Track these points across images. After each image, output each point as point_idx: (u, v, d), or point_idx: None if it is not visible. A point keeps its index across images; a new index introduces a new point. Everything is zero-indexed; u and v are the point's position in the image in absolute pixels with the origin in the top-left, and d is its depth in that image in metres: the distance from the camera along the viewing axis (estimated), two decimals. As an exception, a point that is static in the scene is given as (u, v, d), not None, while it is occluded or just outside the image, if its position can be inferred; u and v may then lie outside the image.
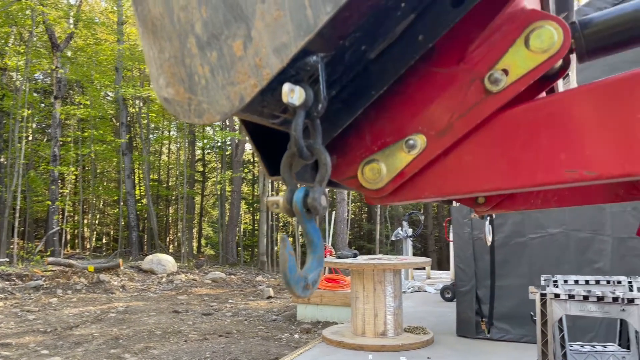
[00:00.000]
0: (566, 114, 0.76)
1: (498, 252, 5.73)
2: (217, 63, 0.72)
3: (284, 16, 0.68)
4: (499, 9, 0.78)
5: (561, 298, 3.50)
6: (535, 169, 0.78)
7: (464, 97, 0.80)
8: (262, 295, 12.30)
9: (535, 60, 0.76)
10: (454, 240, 6.21)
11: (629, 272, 4.93)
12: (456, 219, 6.03)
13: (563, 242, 5.44)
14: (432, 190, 0.86)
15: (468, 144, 0.82)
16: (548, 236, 5.52)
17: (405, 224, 10.31)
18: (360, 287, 5.89)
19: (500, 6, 0.78)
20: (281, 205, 0.77)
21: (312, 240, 0.75)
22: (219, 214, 26.56)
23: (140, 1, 0.79)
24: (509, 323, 5.69)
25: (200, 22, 0.73)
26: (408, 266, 5.76)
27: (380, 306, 5.76)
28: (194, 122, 0.75)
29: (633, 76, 0.74)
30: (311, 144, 0.73)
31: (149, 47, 0.79)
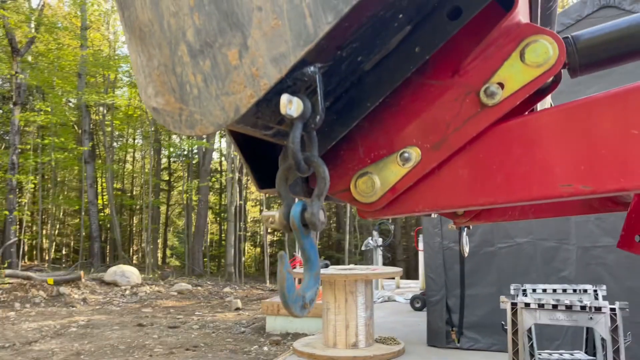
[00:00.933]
0: (561, 128, 0.75)
1: (468, 262, 5.80)
2: (210, 72, 0.68)
3: (283, 25, 0.64)
4: (494, 23, 0.76)
5: (531, 307, 3.55)
6: (530, 183, 0.77)
7: (459, 110, 0.79)
8: (230, 306, 12.10)
9: (530, 74, 0.75)
10: (425, 250, 6.26)
11: (592, 280, 5.06)
12: (427, 229, 6.08)
13: (530, 252, 5.55)
14: (426, 203, 0.84)
15: (463, 157, 0.80)
16: (516, 245, 5.62)
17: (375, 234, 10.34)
18: (332, 298, 5.85)
19: (495, 20, 0.76)
20: (277, 220, 0.73)
21: (309, 257, 0.71)
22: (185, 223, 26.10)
23: (127, 6, 0.74)
24: (479, 332, 5.75)
25: (192, 29, 0.69)
26: (380, 276, 5.76)
27: (351, 317, 5.73)
28: (185, 133, 0.71)
29: (627, 92, 0.73)
30: (309, 157, 0.70)
31: (136, 54, 0.74)
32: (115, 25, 26.85)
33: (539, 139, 0.76)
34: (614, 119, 0.73)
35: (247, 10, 0.66)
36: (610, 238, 5.21)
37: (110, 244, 28.11)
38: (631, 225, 1.15)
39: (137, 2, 0.73)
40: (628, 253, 4.36)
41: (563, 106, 0.77)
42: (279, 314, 8.97)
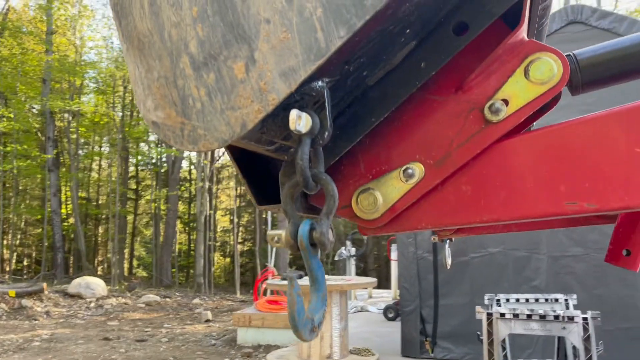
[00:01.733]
0: (565, 146, 0.75)
1: (441, 272, 5.85)
2: (215, 86, 0.65)
3: (292, 38, 0.62)
4: (497, 39, 0.76)
5: (506, 317, 3.58)
6: (535, 200, 0.76)
7: (463, 126, 0.77)
8: (200, 318, 11.88)
9: (535, 91, 0.74)
10: (399, 260, 6.28)
11: (562, 289, 5.16)
12: (401, 239, 6.10)
13: (502, 261, 5.63)
14: (429, 220, 0.82)
15: (467, 174, 0.79)
16: (488, 255, 5.70)
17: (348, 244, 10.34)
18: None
19: (498, 37, 0.76)
20: (283, 239, 0.70)
21: (316, 277, 0.69)
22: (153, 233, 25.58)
23: (124, 15, 0.70)
24: (452, 342, 5.79)
25: (195, 40, 0.65)
26: (355, 287, 5.75)
27: (326, 328, 5.68)
28: (187, 148, 0.67)
29: (630, 110, 0.74)
30: (317, 174, 0.67)
31: (134, 65, 0.70)
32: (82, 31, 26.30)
33: (543, 156, 0.76)
34: (617, 137, 0.73)
35: (255, 22, 0.63)
36: (579, 248, 5.33)
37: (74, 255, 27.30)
38: (618, 240, 1.16)
39: (136, 11, 0.69)
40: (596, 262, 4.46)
41: (567, 123, 0.76)
42: (250, 326, 8.84)
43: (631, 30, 5.14)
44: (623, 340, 4.98)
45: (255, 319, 9.04)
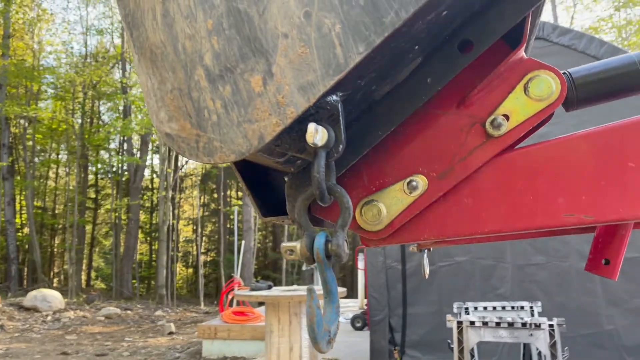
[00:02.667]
0: (564, 160, 0.78)
1: (409, 281, 5.91)
2: (231, 98, 0.65)
3: (310, 53, 0.62)
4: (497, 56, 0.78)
5: (476, 325, 3.65)
6: (535, 212, 0.79)
7: (465, 140, 0.80)
8: (163, 331, 11.60)
9: (534, 107, 0.77)
10: (368, 269, 6.32)
11: (526, 297, 5.30)
12: (370, 249, 6.14)
13: (469, 270, 5.75)
14: (431, 232, 0.84)
15: (468, 187, 0.81)
16: (455, 264, 5.81)
17: (315, 254, 10.31)
18: (276, 320, 5.75)
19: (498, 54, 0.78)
20: (298, 251, 0.70)
21: (331, 289, 0.69)
22: (113, 243, 24.87)
23: (136, 26, 0.69)
24: (420, 350, 5.85)
25: (210, 53, 0.65)
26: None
27: (295, 339, 5.65)
28: (202, 161, 0.67)
29: (625, 125, 0.77)
30: (332, 187, 0.68)
31: (146, 76, 0.69)
32: (41, 35, 25.50)
33: (542, 170, 0.78)
34: (613, 151, 0.76)
35: (272, 36, 0.64)
36: (542, 256, 5.50)
37: (29, 266, 26.22)
38: (598, 249, 1.21)
39: (148, 23, 0.68)
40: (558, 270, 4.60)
41: (565, 138, 0.79)
42: (216, 338, 8.69)
43: (590, 46, 5.38)
44: (584, 346, 5.15)
45: (221, 330, 8.89)
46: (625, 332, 5.22)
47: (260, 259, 28.10)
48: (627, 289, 5.23)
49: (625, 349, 5.19)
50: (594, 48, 5.38)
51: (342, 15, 0.62)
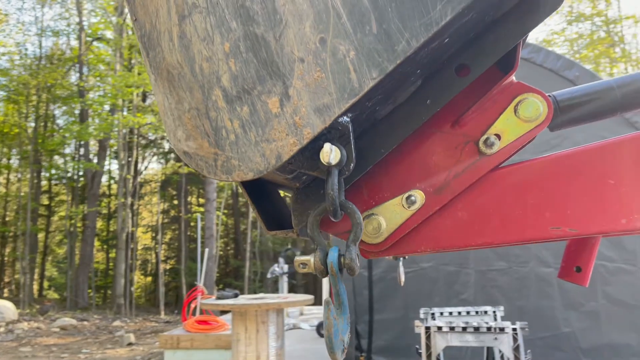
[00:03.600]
0: (550, 177, 0.84)
1: (376, 287, 5.99)
2: (249, 119, 0.67)
3: (326, 78, 0.66)
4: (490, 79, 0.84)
5: (443, 330, 3.75)
6: (524, 225, 0.84)
7: (459, 158, 0.84)
8: (122, 342, 11.29)
9: (524, 128, 0.83)
10: (334, 277, 6.36)
11: (488, 301, 5.46)
12: (336, 256, 6.20)
13: (434, 276, 5.87)
14: (428, 244, 0.88)
15: (462, 201, 0.86)
16: (420, 270, 5.92)
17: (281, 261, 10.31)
18: (242, 329, 5.71)
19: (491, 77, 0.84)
20: (312, 265, 0.73)
21: (343, 301, 0.72)
22: (68, 252, 24.03)
23: (152, 46, 0.71)
24: (387, 356, 5.92)
25: (228, 74, 0.68)
26: (292, 305, 5.74)
27: (262, 347, 5.62)
28: (220, 178, 0.69)
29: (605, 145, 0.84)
30: (344, 203, 0.71)
31: (163, 96, 0.71)
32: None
33: (531, 186, 0.84)
34: (595, 169, 0.83)
35: (289, 60, 0.67)
36: (503, 262, 5.68)
37: (-23, 277, 25.01)
38: (570, 257, 1.28)
39: (164, 44, 0.70)
40: (518, 275, 4.76)
41: (552, 156, 0.85)
42: (178, 348, 8.52)
43: (547, 59, 5.63)
44: (542, 348, 5.34)
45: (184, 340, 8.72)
46: (581, 334, 5.45)
47: (222, 267, 27.75)
48: (583, 293, 5.47)
49: (582, 351, 5.42)
50: (550, 61, 5.63)
51: (356, 42, 0.65)
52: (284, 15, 0.67)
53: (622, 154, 0.81)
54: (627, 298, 5.39)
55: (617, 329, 5.41)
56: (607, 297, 5.43)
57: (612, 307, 5.43)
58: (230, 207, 27.45)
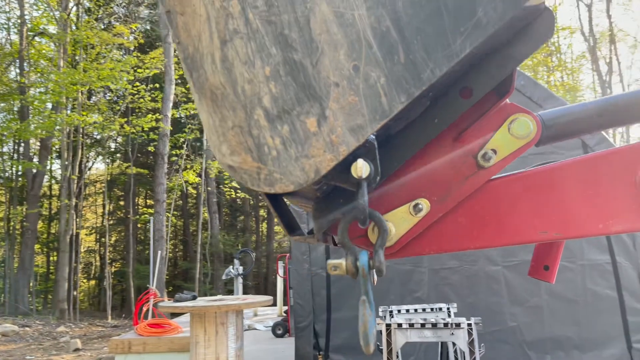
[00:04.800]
0: (539, 187, 0.96)
1: (334, 286, 6.11)
2: (289, 136, 0.75)
3: (359, 101, 0.75)
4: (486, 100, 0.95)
5: (403, 327, 3.90)
6: (516, 230, 0.96)
7: (460, 170, 0.95)
8: (68, 347, 10.90)
9: (516, 144, 0.95)
10: (293, 277, 6.43)
11: (441, 299, 5.70)
12: (295, 256, 6.27)
13: (389, 275, 6.06)
14: (432, 247, 0.99)
15: (463, 208, 0.97)
16: (377, 270, 6.09)
17: (236, 262, 10.27)
18: (202, 331, 5.68)
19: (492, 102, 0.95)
20: (344, 268, 0.82)
21: (371, 300, 0.81)
22: (6, 256, 22.80)
23: (196, 68, 0.77)
24: (344, 354, 6.05)
25: (268, 96, 0.75)
26: (252, 306, 5.77)
27: (222, 349, 5.62)
28: (264, 190, 0.76)
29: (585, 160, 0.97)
30: (372, 213, 0.80)
31: (207, 114, 0.77)
32: None
33: (523, 195, 0.96)
34: (576, 181, 0.95)
35: (325, 85, 0.75)
36: (455, 261, 5.94)
37: None
38: (539, 257, 1.42)
39: (207, 66, 0.77)
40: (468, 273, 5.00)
41: (540, 169, 0.98)
42: (130, 352, 8.32)
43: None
44: (490, 342, 5.62)
45: (136, 344, 8.50)
46: (526, 328, 5.78)
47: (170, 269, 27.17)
48: (527, 289, 5.81)
49: (526, 344, 5.75)
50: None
51: (386, 70, 0.74)
52: (320, 43, 0.75)
53: (598, 169, 0.94)
54: (567, 293, 5.77)
55: (558, 323, 5.78)
56: (550, 293, 5.78)
57: (554, 302, 5.79)
58: (179, 209, 26.92)
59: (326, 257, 6.18)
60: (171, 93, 18.41)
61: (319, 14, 0.74)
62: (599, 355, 5.66)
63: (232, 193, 22.80)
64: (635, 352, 5.62)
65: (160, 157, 18.19)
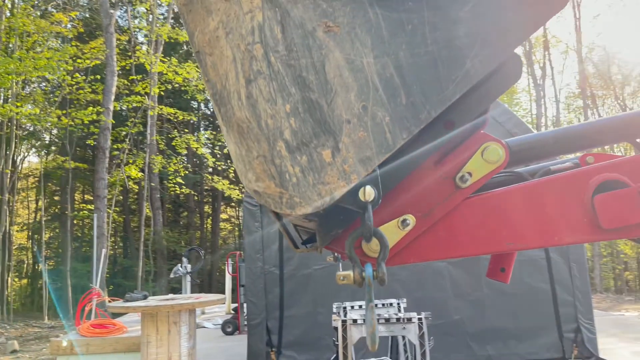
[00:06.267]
0: (506, 205, 1.12)
1: (286, 284, 6.22)
2: (307, 165, 0.86)
3: (368, 136, 0.87)
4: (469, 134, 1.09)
5: (358, 323, 4.08)
6: (487, 242, 1.12)
7: (441, 190, 1.09)
8: (4, 349, 10.40)
9: (488, 167, 1.10)
10: (246, 275, 6.49)
11: (390, 294, 5.91)
12: (249, 255, 6.33)
13: (341, 272, 6.23)
14: (416, 257, 1.13)
15: (443, 223, 1.11)
16: (329, 267, 6.25)
17: (185, 260, 10.15)
18: (153, 331, 5.63)
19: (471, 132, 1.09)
20: (352, 278, 0.94)
21: (374, 305, 0.93)
22: None
23: (223, 103, 0.87)
24: (296, 350, 6.19)
25: (289, 130, 0.86)
26: (206, 305, 5.77)
27: (174, 348, 5.59)
28: (285, 212, 0.87)
29: (543, 183, 1.14)
30: (376, 231, 0.92)
31: (235, 145, 0.87)
32: None
33: (493, 212, 1.11)
34: (537, 200, 1.12)
35: (338, 121, 0.86)
36: (403, 258, 6.20)
37: None
38: (497, 260, 1.60)
39: (234, 102, 0.86)
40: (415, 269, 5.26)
41: (507, 189, 1.14)
42: (72, 353, 8.07)
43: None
44: (436, 335, 5.90)
45: (79, 345, 8.28)
46: (468, 320, 6.13)
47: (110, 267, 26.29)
48: (470, 284, 6.16)
49: (469, 335, 6.11)
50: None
51: (390, 110, 0.87)
52: (333, 85, 0.86)
53: (553, 190, 1.10)
54: (506, 287, 6.16)
55: (497, 315, 6.17)
56: (490, 287, 6.16)
57: (494, 296, 6.18)
58: (120, 204, 26.10)
59: (280, 256, 6.28)
60: (113, 85, 17.80)
61: (332, 59, 0.85)
62: (534, 344, 6.10)
63: (177, 189, 22.34)
64: (566, 341, 6.10)
65: (101, 152, 17.56)
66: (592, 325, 6.17)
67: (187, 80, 21.80)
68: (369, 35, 0.86)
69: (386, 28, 0.87)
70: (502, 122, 6.14)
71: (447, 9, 0.87)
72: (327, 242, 1.01)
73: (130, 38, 22.22)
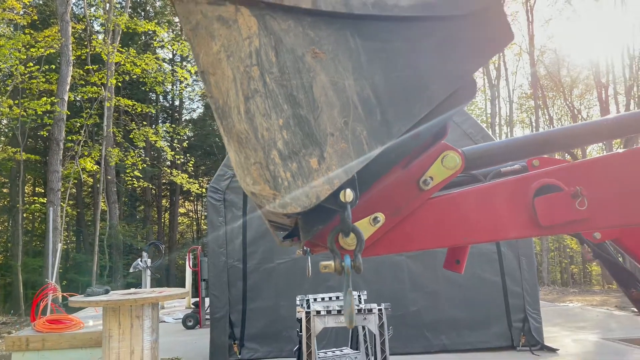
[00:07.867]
0: (463, 204, 1.30)
1: (250, 278, 6.33)
2: (297, 171, 1.00)
3: (348, 147, 1.02)
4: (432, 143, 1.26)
5: (321, 314, 4.25)
6: (446, 236, 1.30)
7: (407, 191, 1.26)
8: (-48, 348, 10.03)
9: (447, 173, 1.28)
10: (209, 269, 6.55)
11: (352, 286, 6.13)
12: (212, 249, 6.40)
13: (304, 266, 6.40)
14: (386, 250, 1.29)
15: (408, 220, 1.28)
16: (292, 261, 6.41)
17: (145, 255, 10.06)
18: (115, 325, 5.63)
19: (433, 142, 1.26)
20: (333, 268, 1.08)
21: (351, 290, 1.09)
22: None
23: (225, 117, 1.00)
24: (258, 342, 6.32)
25: (281, 141, 1.00)
26: (169, 298, 5.80)
27: (137, 341, 5.61)
28: (277, 211, 1.01)
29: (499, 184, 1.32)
30: (354, 227, 1.08)
31: (235, 153, 1.01)
32: None
33: (451, 210, 1.29)
34: (491, 201, 1.30)
35: (323, 134, 1.01)
36: (363, 251, 6.42)
37: None
38: (452, 252, 1.79)
39: (234, 116, 1.00)
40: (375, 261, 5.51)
41: (464, 191, 1.31)
42: (28, 349, 7.91)
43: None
44: (396, 325, 6.16)
45: (34, 341, 8.06)
46: (425, 311, 6.42)
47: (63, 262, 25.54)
48: (426, 276, 6.44)
49: (425, 326, 6.40)
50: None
51: (367, 125, 1.02)
52: (320, 103, 1.01)
53: (501, 193, 1.29)
54: (459, 279, 6.48)
55: (452, 306, 6.49)
56: (446, 280, 6.47)
57: (449, 288, 6.49)
58: (73, 197, 25.36)
59: (243, 249, 6.39)
60: (68, 75, 17.29)
61: (319, 81, 1.00)
62: (485, 334, 6.46)
63: (134, 182, 21.93)
64: (515, 330, 6.48)
65: (55, 143, 17.05)
66: (538, 315, 6.58)
67: (145, 72, 21.40)
68: (350, 60, 1.01)
69: (364, 55, 1.02)
70: (459, 122, 6.44)
71: (415, 41, 1.04)
72: (309, 237, 1.16)
73: (86, 27, 21.60)
